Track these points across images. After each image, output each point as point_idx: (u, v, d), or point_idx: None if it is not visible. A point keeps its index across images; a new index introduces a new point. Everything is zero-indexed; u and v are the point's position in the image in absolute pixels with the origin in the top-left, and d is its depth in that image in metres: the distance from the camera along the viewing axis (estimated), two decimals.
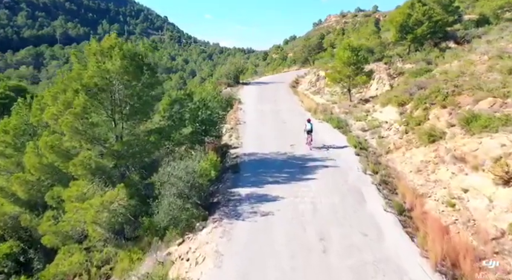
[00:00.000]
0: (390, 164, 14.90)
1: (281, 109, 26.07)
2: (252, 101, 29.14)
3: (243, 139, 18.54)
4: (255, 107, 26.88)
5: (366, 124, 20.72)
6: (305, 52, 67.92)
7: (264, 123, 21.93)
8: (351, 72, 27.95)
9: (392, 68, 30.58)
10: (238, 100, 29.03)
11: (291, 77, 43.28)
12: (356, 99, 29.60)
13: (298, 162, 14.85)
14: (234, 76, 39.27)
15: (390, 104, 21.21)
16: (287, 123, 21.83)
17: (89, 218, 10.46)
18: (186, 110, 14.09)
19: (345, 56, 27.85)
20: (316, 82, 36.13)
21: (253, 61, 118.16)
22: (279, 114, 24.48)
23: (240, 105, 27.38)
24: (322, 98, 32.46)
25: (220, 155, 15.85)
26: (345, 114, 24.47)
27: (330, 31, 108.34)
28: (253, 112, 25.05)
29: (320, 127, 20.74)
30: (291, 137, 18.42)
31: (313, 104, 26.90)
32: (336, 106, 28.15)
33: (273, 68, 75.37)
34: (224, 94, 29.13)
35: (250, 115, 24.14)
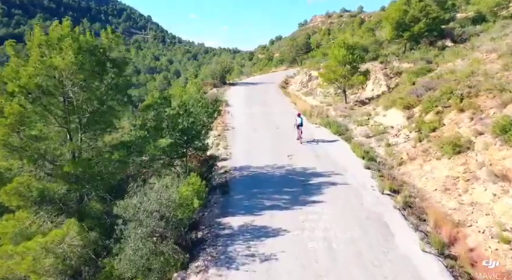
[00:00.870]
0: (406, 178, 12.51)
1: (272, 112, 23.46)
2: (241, 103, 26.41)
3: (232, 149, 15.80)
4: (244, 109, 24.16)
5: (369, 129, 18.36)
6: (292, 52, 65.65)
7: (256, 129, 19.24)
8: (346, 72, 25.65)
9: (389, 68, 28.47)
10: (225, 102, 26.22)
11: (280, 77, 40.79)
12: (352, 101, 27.37)
13: (300, 178, 12.24)
14: (220, 77, 36.42)
15: (395, 107, 18.93)
16: (281, 128, 19.22)
17: (24, 268, 7.50)
18: (164, 116, 11.24)
19: (340, 54, 25.52)
20: (308, 83, 33.73)
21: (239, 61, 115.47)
22: (271, 118, 21.85)
23: (227, 108, 24.59)
24: (314, 99, 30.06)
25: (206, 169, 13.08)
26: (343, 117, 22.09)
27: (316, 31, 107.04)
28: (242, 116, 22.33)
29: (318, 133, 18.22)
30: (287, 146, 15.83)
31: (306, 106, 24.41)
32: (331, 108, 25.78)
33: (260, 68, 72.97)
34: (210, 95, 26.29)
35: (239, 119, 21.40)
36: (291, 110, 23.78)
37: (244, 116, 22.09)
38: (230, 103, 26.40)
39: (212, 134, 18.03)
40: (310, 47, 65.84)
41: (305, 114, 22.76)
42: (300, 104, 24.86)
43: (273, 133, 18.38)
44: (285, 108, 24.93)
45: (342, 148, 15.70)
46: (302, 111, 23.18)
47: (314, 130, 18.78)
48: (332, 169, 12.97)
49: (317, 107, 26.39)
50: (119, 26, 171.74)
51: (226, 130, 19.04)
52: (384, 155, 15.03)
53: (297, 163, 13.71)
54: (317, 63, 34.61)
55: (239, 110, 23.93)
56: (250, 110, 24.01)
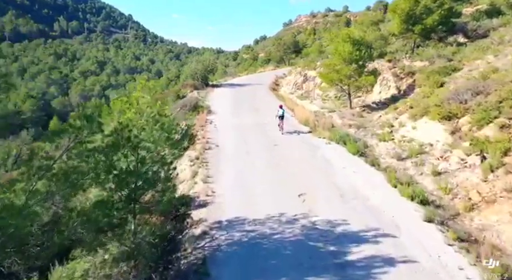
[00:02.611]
0: (494, 240, 7.73)
1: (266, 122, 18.33)
2: (227, 110, 21.12)
3: (216, 183, 10.54)
4: (231, 119, 18.90)
5: (398, 147, 13.52)
6: (280, 51, 60.85)
7: (248, 149, 13.95)
8: (353, 71, 20.89)
9: (398, 67, 23.91)
10: (207, 109, 20.89)
11: (269, 78, 35.69)
12: (357, 106, 22.67)
13: (328, 246, 7.13)
14: (202, 77, 30.94)
15: (428, 117, 14.22)
16: (281, 146, 14.14)
17: None
18: (86, 154, 5.88)
19: (346, 51, 20.70)
20: (303, 84, 28.79)
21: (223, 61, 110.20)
22: (266, 130, 16.70)
23: (210, 116, 19.27)
24: (312, 103, 25.13)
25: (169, 229, 7.78)
26: (355, 128, 17.23)
27: (301, 31, 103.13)
28: (229, 128, 17.07)
29: (331, 154, 13.21)
30: (295, 176, 10.76)
31: (306, 113, 19.37)
32: (335, 115, 20.92)
33: (245, 68, 67.84)
34: (189, 100, 20.90)
35: (225, 133, 16.14)
36: (289, 120, 18.71)
37: (232, 129, 16.84)
38: (214, 110, 21.06)
39: (188, 157, 12.71)
40: (298, 46, 61.19)
41: (307, 124, 17.77)
42: (299, 111, 19.82)
43: (271, 154, 13.24)
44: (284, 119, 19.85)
45: (372, 178, 10.76)
46: (304, 120, 18.19)
47: (325, 149, 13.78)
48: (375, 223, 7.97)
49: (316, 113, 21.51)
50: (98, 24, 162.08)
51: (207, 149, 13.75)
52: (434, 190, 10.21)
53: (316, 210, 8.65)
54: (312, 62, 29.74)
55: (225, 120, 18.65)
56: (239, 119, 18.78)
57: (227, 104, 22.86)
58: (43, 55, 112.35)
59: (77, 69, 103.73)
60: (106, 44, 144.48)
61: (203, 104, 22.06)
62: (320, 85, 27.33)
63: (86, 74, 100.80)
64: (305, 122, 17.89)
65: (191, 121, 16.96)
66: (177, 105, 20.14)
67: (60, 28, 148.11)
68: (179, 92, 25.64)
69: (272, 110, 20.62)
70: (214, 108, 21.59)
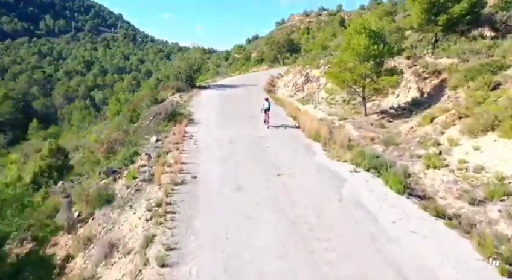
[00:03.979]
0: None
1: (264, 135, 13.65)
2: (213, 119, 16.33)
3: (184, 268, 5.83)
4: (217, 131, 14.12)
5: (461, 179, 8.99)
6: (274, 50, 56.26)
7: (241, 182, 9.03)
8: (370, 70, 16.42)
9: (420, 64, 19.53)
10: (188, 117, 16.06)
11: (263, 78, 31.00)
12: (372, 112, 18.27)
13: None
14: (187, 77, 26.07)
15: (497, 132, 9.76)
16: (290, 175, 9.44)
17: None
18: None
19: (361, 44, 16.22)
20: (304, 86, 24.18)
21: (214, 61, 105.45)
22: (266, 148, 11.95)
23: (190, 128, 14.47)
24: (317, 108, 20.55)
25: None
26: (384, 145, 12.64)
27: (294, 30, 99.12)
28: (214, 146, 12.24)
29: (364, 193, 8.50)
30: (323, 254, 6.10)
31: (314, 124, 14.64)
32: (349, 125, 16.38)
33: (237, 68, 63.20)
34: (167, 106, 16.11)
35: (208, 154, 11.32)
36: (296, 133, 14.03)
37: (218, 148, 12.06)
38: (197, 118, 16.25)
39: (145, 200, 7.95)
40: (292, 44, 56.68)
41: (317, 139, 13.14)
42: (306, 120, 15.10)
43: (276, 195, 8.49)
44: (284, 128, 15.18)
45: (457, 251, 6.15)
46: (314, 132, 13.53)
47: (352, 182, 9.09)
48: None
49: (326, 122, 16.97)
50: (86, 23, 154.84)
51: (179, 184, 8.93)
52: None
53: None
54: (314, 60, 25.13)
55: (209, 133, 13.88)
56: (228, 131, 14.03)
57: (214, 111, 18.07)
58: (27, 54, 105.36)
59: (62, 68, 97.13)
60: (94, 43, 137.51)
61: (184, 111, 17.24)
62: (325, 86, 22.81)
63: (71, 74, 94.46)
64: (315, 136, 13.25)
65: (163, 137, 12.19)
66: (149, 113, 15.30)
67: (46, 27, 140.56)
68: (156, 95, 20.76)
69: (271, 118, 15.94)
70: (198, 116, 16.79)
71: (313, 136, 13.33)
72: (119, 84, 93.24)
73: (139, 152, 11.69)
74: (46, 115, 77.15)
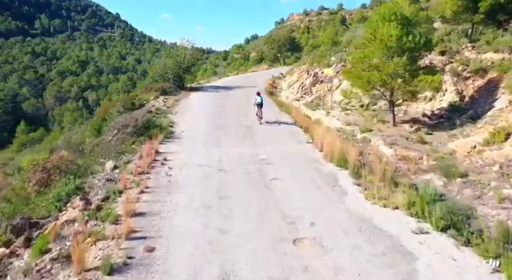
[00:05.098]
0: None
1: (267, 157, 9.64)
2: (199, 131, 12.27)
3: None
4: (202, 152, 10.02)
5: None
6: (274, 48, 52.28)
7: (237, 269, 5.06)
8: (403, 68, 12.51)
9: (458, 61, 15.59)
10: (166, 130, 11.98)
11: (263, 79, 27.03)
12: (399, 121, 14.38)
13: None
14: (175, 77, 22.04)
15: None
16: (325, 255, 5.43)
17: None
18: None
19: (393, 35, 12.31)
20: (312, 88, 20.16)
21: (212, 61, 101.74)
22: (275, 188, 7.91)
23: (166, 147, 10.45)
24: (329, 116, 16.54)
25: None
26: (443, 176, 8.65)
27: (294, 29, 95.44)
28: (194, 180, 8.11)
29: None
30: None
31: (337, 141, 10.50)
32: (376, 139, 12.39)
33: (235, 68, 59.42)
34: (141, 114, 12.06)
35: (183, 196, 7.25)
36: (310, 155, 10.04)
37: (200, 182, 7.99)
38: (179, 131, 12.18)
39: None
40: (294, 43, 52.72)
41: (342, 164, 9.13)
42: (323, 135, 10.99)
43: None
44: (295, 149, 11.10)
45: None
46: (337, 154, 9.52)
47: (426, 254, 5.14)
48: None
49: (344, 134, 13.03)
50: (82, 23, 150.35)
51: (117, 268, 4.92)
52: None
53: None
54: (323, 57, 21.09)
55: (191, 155, 9.82)
56: (218, 152, 9.99)
57: (203, 119, 14.05)
58: (20, 53, 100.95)
59: (55, 68, 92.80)
60: (90, 43, 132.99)
61: (164, 121, 13.19)
62: (337, 88, 18.79)
63: (65, 74, 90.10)
64: (339, 160, 9.24)
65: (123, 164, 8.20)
66: (114, 125, 11.23)
67: (41, 26, 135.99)
68: (133, 99, 16.72)
69: (274, 132, 11.91)
70: (181, 127, 12.75)
71: (337, 159, 9.33)
72: (115, 84, 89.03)
73: (83, 188, 7.69)
74: (36, 117, 72.88)
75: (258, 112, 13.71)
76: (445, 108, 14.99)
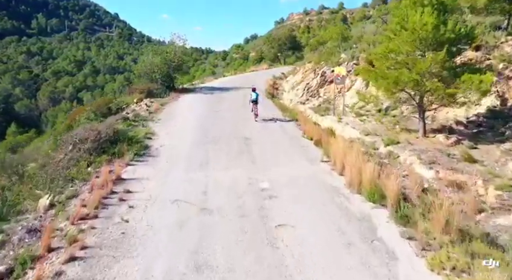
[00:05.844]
0: None
1: (270, 188, 6.93)
2: (183, 146, 9.52)
3: None
4: (182, 178, 7.30)
5: None
6: (274, 47, 49.53)
7: None
8: (438, 66, 9.81)
9: (497, 58, 12.86)
10: (140, 144, 9.23)
11: (263, 79, 24.26)
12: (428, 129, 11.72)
13: None
14: (164, 77, 19.27)
15: None
16: None
17: None
18: None
19: (428, 24, 9.58)
20: (319, 89, 17.40)
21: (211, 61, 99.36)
22: (283, 245, 5.19)
23: (133, 170, 7.75)
24: (342, 122, 13.80)
25: None
26: None
27: (294, 29, 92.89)
28: (163, 231, 5.40)
29: None
30: None
31: (367, 167, 7.63)
32: (407, 154, 9.63)
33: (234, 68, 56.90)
34: (109, 124, 9.23)
35: (141, 268, 4.62)
36: (332, 186, 7.30)
37: (172, 233, 5.29)
38: (156, 146, 9.42)
39: None
40: (295, 41, 49.96)
41: (377, 199, 6.36)
42: (345, 155, 8.24)
43: None
44: (309, 174, 8.33)
45: None
46: (368, 183, 6.75)
47: None
48: None
49: (365, 147, 10.35)
50: (80, 22, 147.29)
51: None
52: None
53: None
54: (332, 54, 18.34)
55: (165, 185, 7.08)
56: (204, 178, 7.26)
57: (190, 129, 11.27)
58: (14, 53, 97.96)
59: (50, 68, 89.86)
60: (88, 43, 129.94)
61: (141, 131, 10.41)
62: (350, 89, 16.03)
63: (60, 74, 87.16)
64: (370, 192, 6.52)
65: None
66: (70, 139, 8.46)
67: (38, 26, 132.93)
68: (110, 103, 13.97)
69: (277, 148, 9.16)
70: (161, 140, 9.98)
71: (368, 190, 6.58)
72: (111, 85, 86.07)
73: None
74: (29, 118, 69.92)
75: (253, 108, 12.99)
76: (484, 114, 12.26)
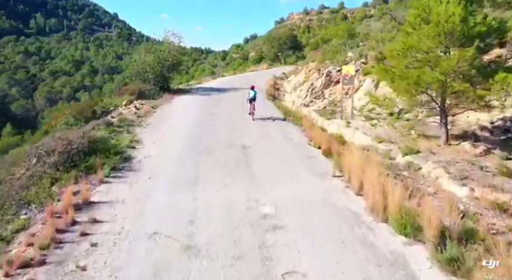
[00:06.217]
0: None
1: (278, 217, 5.55)
2: (170, 157, 8.12)
3: None
4: (164, 201, 5.89)
5: None
6: (274, 47, 48.13)
7: None
8: (467, 64, 8.37)
9: None
10: (120, 155, 7.83)
11: (263, 79, 22.81)
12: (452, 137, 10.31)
13: None
14: (158, 78, 17.88)
15: None
16: None
17: None
18: None
19: (456, 15, 8.15)
20: (324, 91, 16.01)
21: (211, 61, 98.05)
22: None
23: (106, 190, 6.38)
24: (351, 127, 12.41)
25: None
26: None
27: (294, 28, 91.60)
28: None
29: None
30: None
31: (394, 188, 6.19)
32: (432, 167, 8.24)
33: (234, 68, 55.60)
34: (72, 135, 7.77)
35: None
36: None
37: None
38: (140, 157, 8.03)
39: None
40: (296, 41, 48.59)
41: (407, 230, 4.94)
42: (363, 170, 6.88)
43: None
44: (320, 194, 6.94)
45: None
46: (402, 220, 5.31)
47: None
48: None
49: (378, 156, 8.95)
50: (79, 22, 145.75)
51: None
52: None
53: None
54: (337, 52, 16.92)
55: (142, 215, 5.69)
56: (191, 201, 5.88)
57: (180, 137, 9.85)
58: (12, 53, 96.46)
59: (48, 68, 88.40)
60: (87, 42, 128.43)
61: (124, 139, 9.01)
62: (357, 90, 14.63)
63: (58, 74, 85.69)
64: (400, 222, 5.14)
65: None
66: (36, 151, 7.05)
67: (36, 25, 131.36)
68: (95, 105, 12.57)
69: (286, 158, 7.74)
70: (144, 150, 8.57)
71: (397, 219, 5.18)
72: (109, 84, 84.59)
73: None
74: (25, 119, 68.41)
75: (251, 108, 12.55)
76: (510, 117, 10.89)
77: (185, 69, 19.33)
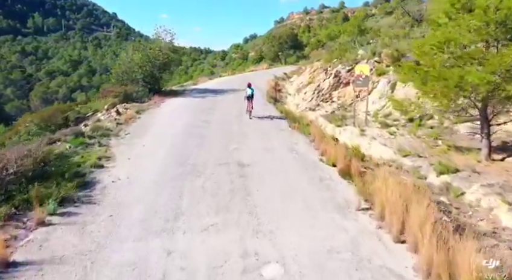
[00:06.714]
0: None
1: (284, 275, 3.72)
2: (142, 186, 6.23)
3: None
4: (120, 272, 4.11)
5: None
6: (275, 46, 46.26)
7: None
8: None
9: None
10: (78, 178, 5.97)
11: (263, 79, 20.95)
12: (492, 151, 8.31)
13: None
14: (148, 78, 16.00)
15: None
16: None
17: None
18: None
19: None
20: (332, 93, 14.12)
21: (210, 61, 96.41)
22: None
23: (38, 240, 4.53)
24: (367, 136, 10.55)
25: None
26: None
27: (294, 28, 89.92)
28: None
29: None
30: None
31: (466, 247, 4.45)
32: (491, 199, 6.33)
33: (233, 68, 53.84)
34: (19, 154, 5.79)
35: None
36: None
37: None
38: (105, 183, 6.20)
39: None
40: (296, 40, 46.73)
41: None
42: (404, 204, 5.06)
43: None
44: (345, 243, 5.07)
45: None
46: None
47: None
48: None
49: (403, 174, 7.05)
50: (77, 22, 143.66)
51: None
52: None
53: None
54: (346, 51, 15.04)
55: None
56: (159, 271, 4.00)
57: (162, 152, 7.96)
58: (8, 53, 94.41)
59: (44, 68, 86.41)
60: (85, 42, 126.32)
61: (91, 155, 7.13)
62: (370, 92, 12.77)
63: (54, 74, 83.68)
64: None
65: None
66: None
67: (34, 25, 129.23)
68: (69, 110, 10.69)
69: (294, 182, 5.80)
70: (115, 171, 6.70)
71: None
72: (106, 85, 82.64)
73: None
74: None
75: (248, 106, 12.24)
76: None
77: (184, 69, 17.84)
